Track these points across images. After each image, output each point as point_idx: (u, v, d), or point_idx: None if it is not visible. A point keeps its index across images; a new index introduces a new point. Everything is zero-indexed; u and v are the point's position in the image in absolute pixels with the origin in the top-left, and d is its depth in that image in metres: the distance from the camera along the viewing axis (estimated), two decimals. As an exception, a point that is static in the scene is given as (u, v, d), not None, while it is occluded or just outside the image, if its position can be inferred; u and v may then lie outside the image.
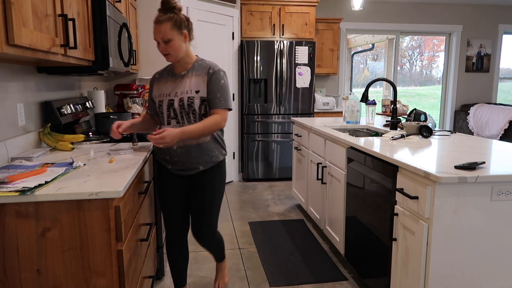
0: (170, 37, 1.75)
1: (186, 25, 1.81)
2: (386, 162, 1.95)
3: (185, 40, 1.82)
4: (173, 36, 1.76)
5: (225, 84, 1.85)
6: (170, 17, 1.74)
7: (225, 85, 1.85)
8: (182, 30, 1.79)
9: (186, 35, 1.81)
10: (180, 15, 1.78)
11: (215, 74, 1.83)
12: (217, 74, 1.83)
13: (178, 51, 1.80)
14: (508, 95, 7.08)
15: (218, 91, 1.82)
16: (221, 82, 1.83)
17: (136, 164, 1.68)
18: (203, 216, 1.94)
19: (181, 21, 1.78)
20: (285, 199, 4.11)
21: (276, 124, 4.77)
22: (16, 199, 1.23)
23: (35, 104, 2.07)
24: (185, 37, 1.81)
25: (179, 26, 1.77)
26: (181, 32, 1.79)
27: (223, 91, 1.83)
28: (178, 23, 1.76)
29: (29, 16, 1.30)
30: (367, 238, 2.18)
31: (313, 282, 2.42)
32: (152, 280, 2.07)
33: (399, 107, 5.30)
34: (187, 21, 1.82)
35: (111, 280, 1.35)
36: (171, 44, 1.77)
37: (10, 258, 1.28)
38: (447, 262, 1.59)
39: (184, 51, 1.84)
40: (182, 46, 1.81)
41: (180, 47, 1.80)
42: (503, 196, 1.57)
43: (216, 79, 1.83)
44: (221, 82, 1.83)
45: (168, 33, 1.75)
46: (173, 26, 1.75)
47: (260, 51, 4.59)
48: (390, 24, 5.76)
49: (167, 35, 1.75)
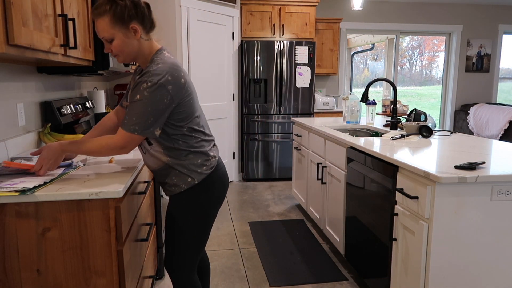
0: (111, 36, 1.35)
1: (134, 14, 1.36)
2: (386, 162, 1.95)
3: (136, 36, 1.38)
4: (115, 34, 1.35)
5: (140, 101, 1.32)
6: (108, 9, 1.33)
7: (139, 103, 1.33)
8: (128, 23, 1.35)
9: (135, 29, 1.37)
10: (123, 2, 1.34)
11: (136, 86, 1.35)
12: (137, 86, 1.34)
13: (126, 52, 1.40)
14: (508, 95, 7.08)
15: (129, 107, 1.36)
16: (135, 98, 1.33)
17: (136, 164, 1.68)
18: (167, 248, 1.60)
19: (124, 11, 1.34)
20: (285, 199, 4.11)
21: (276, 124, 4.77)
22: (16, 199, 1.23)
23: (35, 104, 2.07)
24: (135, 32, 1.38)
25: (121, 19, 1.34)
26: (127, 27, 1.36)
27: (132, 109, 1.34)
28: (119, 15, 1.33)
29: (29, 16, 1.30)
30: (367, 238, 2.18)
31: (313, 282, 2.42)
32: (152, 280, 2.07)
33: (399, 107, 5.30)
34: (135, 8, 1.36)
35: (111, 280, 1.35)
36: (115, 44, 1.37)
37: (10, 258, 1.28)
38: (447, 262, 1.59)
39: (137, 50, 1.41)
40: (131, 44, 1.39)
41: (128, 47, 1.39)
42: (503, 196, 1.57)
43: (133, 91, 1.35)
44: (135, 98, 1.33)
45: (107, 31, 1.35)
46: (113, 21, 1.34)
47: (260, 51, 4.59)
48: (390, 24, 5.76)
49: (107, 33, 1.35)
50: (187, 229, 1.54)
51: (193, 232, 1.55)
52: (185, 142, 1.46)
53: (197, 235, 1.56)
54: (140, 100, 1.33)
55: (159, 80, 1.33)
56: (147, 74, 1.35)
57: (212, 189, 1.53)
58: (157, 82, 1.33)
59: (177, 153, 1.46)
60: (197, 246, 1.58)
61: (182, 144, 1.46)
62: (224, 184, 1.59)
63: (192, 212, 1.52)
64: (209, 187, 1.52)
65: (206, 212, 1.54)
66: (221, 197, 1.59)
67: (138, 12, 1.37)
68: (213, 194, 1.54)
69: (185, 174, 1.48)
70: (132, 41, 1.39)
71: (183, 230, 1.54)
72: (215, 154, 1.56)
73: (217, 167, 1.55)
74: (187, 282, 1.59)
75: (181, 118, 1.43)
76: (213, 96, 4.42)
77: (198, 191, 1.50)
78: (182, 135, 1.46)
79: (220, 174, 1.56)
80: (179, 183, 1.49)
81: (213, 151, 1.56)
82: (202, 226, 1.56)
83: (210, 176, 1.52)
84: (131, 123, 1.35)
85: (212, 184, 1.53)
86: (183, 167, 1.47)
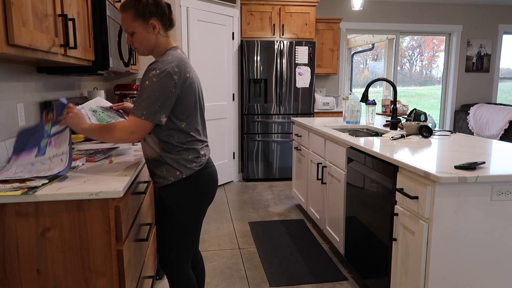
0: (133, 29, 1.48)
1: (155, 11, 1.49)
2: (386, 162, 1.95)
3: (154, 31, 1.50)
4: (136, 28, 1.48)
5: (149, 87, 1.41)
6: (132, 5, 1.46)
7: (147, 88, 1.41)
8: (148, 20, 1.48)
9: (155, 25, 1.49)
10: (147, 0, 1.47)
11: (145, 74, 1.45)
12: (146, 74, 1.44)
13: (145, 45, 1.52)
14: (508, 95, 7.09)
15: (138, 94, 1.45)
16: (144, 84, 1.43)
17: (136, 164, 1.68)
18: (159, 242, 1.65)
19: (146, 8, 1.47)
20: (285, 199, 4.11)
21: (276, 124, 4.77)
22: (16, 199, 1.23)
23: (35, 104, 2.07)
24: (154, 27, 1.49)
25: (143, 15, 1.47)
26: (147, 22, 1.48)
27: (140, 94, 1.43)
28: (141, 11, 1.46)
29: (29, 16, 1.30)
30: (367, 238, 2.18)
31: (313, 282, 2.42)
32: (152, 280, 2.07)
33: (399, 107, 5.30)
34: (156, 7, 1.49)
35: (111, 280, 1.35)
36: (135, 37, 1.50)
37: (10, 258, 1.28)
38: (447, 262, 1.59)
39: (154, 45, 1.53)
40: (150, 38, 1.50)
41: (146, 41, 1.50)
42: (503, 196, 1.57)
43: (142, 79, 1.45)
44: (144, 84, 1.43)
45: (129, 25, 1.47)
46: (136, 16, 1.46)
47: (260, 51, 4.59)
48: (390, 24, 5.76)
49: (129, 27, 1.48)
50: (175, 222, 1.59)
51: (183, 227, 1.59)
52: (180, 138, 1.52)
53: (185, 230, 1.60)
54: (149, 86, 1.41)
55: (167, 69, 1.43)
56: (156, 63, 1.44)
57: (200, 185, 1.58)
58: (165, 70, 1.43)
59: (170, 147, 1.52)
60: (186, 240, 1.61)
61: (176, 139, 1.52)
62: (213, 181, 1.63)
63: (180, 206, 1.56)
64: (196, 182, 1.56)
65: (194, 207, 1.59)
66: (210, 194, 1.63)
67: (159, 10, 1.49)
68: (201, 189, 1.58)
69: (174, 167, 1.53)
70: (150, 35, 1.50)
71: (172, 222, 1.59)
72: (205, 153, 1.61)
73: (207, 165, 1.61)
74: (180, 277, 1.64)
75: (182, 114, 1.50)
76: (213, 96, 4.42)
77: (186, 185, 1.55)
78: (179, 131, 1.52)
79: (209, 171, 1.61)
80: (168, 175, 1.53)
81: (204, 150, 1.61)
82: (190, 221, 1.60)
83: (199, 172, 1.56)
84: (140, 108, 1.42)
85: (200, 180, 1.57)
86: (173, 160, 1.53)
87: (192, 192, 1.57)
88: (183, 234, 1.60)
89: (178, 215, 1.58)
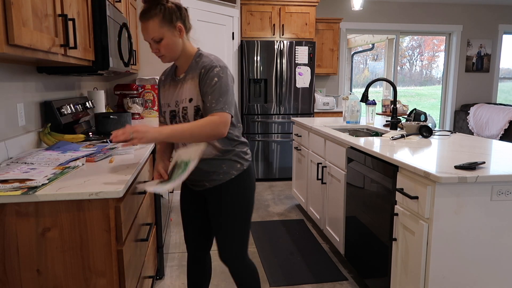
0: (161, 35, 1.46)
1: (179, 15, 1.49)
2: (386, 162, 1.95)
3: (180, 34, 1.51)
4: (164, 33, 1.46)
5: (220, 82, 1.47)
6: (158, 11, 1.44)
7: (219, 84, 1.46)
8: (174, 24, 1.48)
9: (181, 28, 1.50)
10: (169, 4, 1.47)
11: (207, 72, 1.47)
12: (209, 72, 1.47)
13: (173, 51, 1.51)
14: (508, 95, 7.09)
15: (210, 93, 1.46)
16: (213, 81, 1.47)
17: (136, 164, 1.68)
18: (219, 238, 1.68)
19: (172, 12, 1.47)
20: (285, 199, 4.11)
21: (276, 124, 4.77)
22: (16, 199, 1.23)
23: (35, 104, 2.07)
24: (180, 30, 1.50)
25: (170, 20, 1.46)
26: (174, 26, 1.48)
27: (215, 92, 1.46)
28: (168, 16, 1.46)
29: (29, 16, 1.30)
30: (367, 238, 2.18)
31: (313, 282, 2.42)
32: (152, 280, 2.07)
33: (399, 107, 5.30)
34: (179, 11, 1.49)
35: (111, 280, 1.35)
36: (163, 44, 1.48)
37: (10, 258, 1.28)
38: (447, 262, 1.59)
39: (181, 49, 1.54)
40: (177, 43, 1.51)
41: (175, 45, 1.51)
42: (503, 196, 1.57)
43: (207, 78, 1.47)
44: (213, 81, 1.47)
45: (157, 31, 1.45)
46: (163, 22, 1.45)
47: (260, 51, 4.59)
48: (390, 24, 5.76)
49: (157, 33, 1.46)
50: (239, 214, 1.63)
51: (244, 217, 1.65)
52: (234, 132, 1.61)
53: (247, 219, 1.67)
54: (219, 81, 1.47)
55: (224, 65, 1.52)
56: (210, 62, 1.50)
57: (253, 175, 1.70)
58: (225, 66, 1.52)
59: (230, 142, 1.60)
60: (247, 229, 1.68)
61: (232, 133, 1.60)
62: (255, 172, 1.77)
63: (242, 198, 1.63)
64: (251, 173, 1.67)
65: (251, 196, 1.68)
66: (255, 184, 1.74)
67: (182, 13, 1.52)
68: (254, 179, 1.70)
69: (235, 161, 1.61)
70: (178, 40, 1.52)
71: (236, 216, 1.63)
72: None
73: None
74: (246, 264, 1.70)
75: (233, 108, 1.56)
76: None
77: (246, 176, 1.64)
78: (232, 124, 1.60)
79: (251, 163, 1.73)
80: (230, 170, 1.60)
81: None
82: (250, 210, 1.68)
83: (251, 163, 1.69)
84: (222, 102, 1.46)
85: (253, 171, 1.70)
86: (235, 154, 1.61)
87: (251, 182, 1.67)
88: (245, 224, 1.66)
89: (240, 207, 1.63)
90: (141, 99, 3.57)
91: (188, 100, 1.52)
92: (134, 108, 3.51)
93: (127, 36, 2.64)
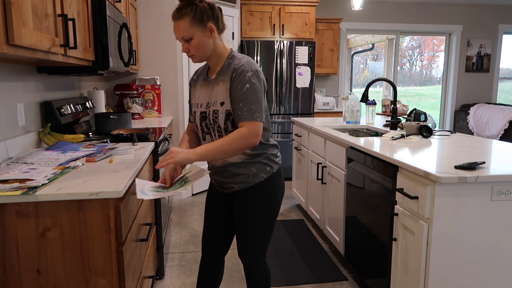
0: (191, 35, 1.46)
1: (211, 15, 1.48)
2: (386, 162, 1.95)
3: (211, 35, 1.49)
4: (194, 33, 1.46)
5: (252, 89, 1.45)
6: (189, 11, 1.44)
7: (250, 91, 1.45)
8: (205, 23, 1.47)
9: (212, 29, 1.48)
10: (201, 4, 1.46)
11: (238, 77, 1.46)
12: (241, 77, 1.46)
13: (203, 50, 1.50)
14: (508, 95, 7.09)
15: (240, 100, 1.46)
16: (245, 88, 1.45)
17: (136, 164, 1.68)
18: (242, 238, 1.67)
19: (203, 12, 1.46)
20: (285, 199, 4.11)
21: (276, 124, 4.77)
22: (16, 199, 1.23)
23: (35, 104, 2.07)
24: (211, 31, 1.48)
25: (201, 19, 1.45)
26: (205, 26, 1.47)
27: (246, 99, 1.45)
28: (198, 16, 1.45)
29: (29, 16, 1.30)
30: (367, 238, 2.18)
31: (313, 282, 2.42)
32: (152, 280, 2.07)
33: (399, 107, 5.30)
34: (211, 10, 1.48)
35: (111, 280, 1.35)
36: (193, 43, 1.47)
37: (10, 258, 1.28)
38: (447, 262, 1.59)
39: (212, 49, 1.52)
40: (208, 43, 1.49)
41: (205, 45, 1.49)
42: (503, 196, 1.57)
43: (238, 83, 1.46)
44: (245, 88, 1.45)
45: (187, 31, 1.45)
46: (193, 21, 1.45)
47: (260, 51, 4.59)
48: (390, 24, 5.76)
49: (187, 33, 1.45)
50: (266, 217, 1.62)
51: (270, 219, 1.64)
52: (264, 136, 1.59)
53: (273, 221, 1.66)
54: (251, 88, 1.46)
55: (257, 69, 1.50)
56: (241, 66, 1.48)
57: (282, 178, 1.68)
58: (257, 70, 1.50)
59: (260, 146, 1.59)
60: (271, 230, 1.67)
61: (263, 137, 1.58)
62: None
63: (270, 200, 1.62)
64: (280, 176, 1.67)
65: (280, 199, 1.67)
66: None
67: (214, 13, 1.49)
68: (283, 182, 1.68)
69: (265, 163, 1.60)
70: (208, 40, 1.50)
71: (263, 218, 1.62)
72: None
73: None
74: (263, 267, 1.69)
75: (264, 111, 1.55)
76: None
77: (275, 179, 1.63)
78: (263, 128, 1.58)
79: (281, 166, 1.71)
80: (259, 173, 1.59)
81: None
82: (276, 213, 1.67)
83: (280, 166, 1.68)
84: (252, 111, 1.46)
85: (282, 173, 1.69)
86: (265, 157, 1.60)
87: (280, 185, 1.66)
88: (270, 227, 1.65)
89: (268, 209, 1.62)
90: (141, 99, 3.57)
91: (220, 103, 1.51)
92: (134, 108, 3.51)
93: (127, 36, 2.64)
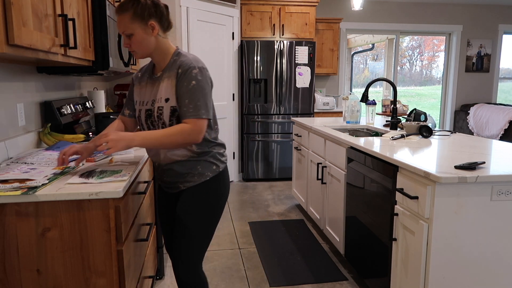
0: (131, 31, 1.44)
1: (153, 12, 1.45)
2: (386, 162, 1.95)
3: (153, 32, 1.47)
4: (135, 29, 1.44)
5: (198, 85, 1.44)
6: (129, 7, 1.43)
7: (196, 88, 1.44)
8: (147, 21, 1.44)
9: (154, 26, 1.46)
10: (145, 1, 1.44)
11: (184, 74, 1.45)
12: (187, 74, 1.44)
13: (144, 47, 1.48)
14: (508, 95, 7.09)
15: (186, 97, 1.44)
16: (191, 84, 1.44)
17: (136, 164, 1.68)
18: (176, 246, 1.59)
19: (145, 9, 1.44)
20: (285, 199, 4.11)
21: (276, 124, 4.77)
22: (16, 199, 1.23)
23: (35, 104, 2.07)
24: (153, 28, 1.46)
25: (142, 16, 1.43)
26: (146, 23, 1.44)
27: (192, 96, 1.43)
28: (140, 12, 1.43)
29: (29, 16, 1.30)
30: (367, 238, 2.18)
31: (313, 282, 2.42)
32: (152, 280, 2.07)
33: (399, 107, 5.30)
34: (154, 7, 1.46)
35: (111, 280, 1.35)
36: (134, 40, 1.46)
37: (10, 258, 1.28)
38: (447, 262, 1.59)
39: (153, 47, 1.50)
40: (149, 40, 1.47)
41: (145, 42, 1.47)
42: (503, 196, 1.57)
43: (185, 80, 1.44)
44: (191, 84, 1.44)
45: (128, 27, 1.43)
46: (134, 17, 1.43)
47: (260, 51, 4.59)
48: (390, 24, 5.76)
49: (127, 28, 1.44)
50: (206, 219, 1.58)
51: (210, 222, 1.59)
52: (211, 133, 1.57)
53: (213, 226, 1.61)
54: (197, 85, 1.44)
55: (202, 66, 1.49)
56: (188, 63, 1.46)
57: (228, 179, 1.65)
58: (203, 67, 1.48)
59: (206, 144, 1.56)
60: (211, 236, 1.62)
61: (208, 135, 1.56)
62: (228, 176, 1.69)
63: (214, 201, 1.58)
64: (226, 176, 1.63)
65: (224, 200, 1.63)
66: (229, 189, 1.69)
67: (157, 11, 1.47)
68: (228, 183, 1.66)
69: (211, 162, 1.57)
70: (150, 37, 1.47)
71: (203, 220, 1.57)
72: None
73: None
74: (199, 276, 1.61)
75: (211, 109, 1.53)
76: (213, 96, 4.41)
77: (220, 178, 1.59)
78: (208, 126, 1.55)
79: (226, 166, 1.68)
80: (205, 171, 1.56)
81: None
82: (218, 216, 1.62)
83: (226, 166, 1.65)
84: (198, 108, 1.44)
85: (227, 173, 1.65)
86: (211, 156, 1.57)
87: (225, 186, 1.62)
88: (209, 231, 1.60)
89: (209, 211, 1.57)
90: (141, 99, 3.56)
91: (165, 100, 1.49)
92: (134, 108, 3.51)
93: (127, 36, 2.64)
